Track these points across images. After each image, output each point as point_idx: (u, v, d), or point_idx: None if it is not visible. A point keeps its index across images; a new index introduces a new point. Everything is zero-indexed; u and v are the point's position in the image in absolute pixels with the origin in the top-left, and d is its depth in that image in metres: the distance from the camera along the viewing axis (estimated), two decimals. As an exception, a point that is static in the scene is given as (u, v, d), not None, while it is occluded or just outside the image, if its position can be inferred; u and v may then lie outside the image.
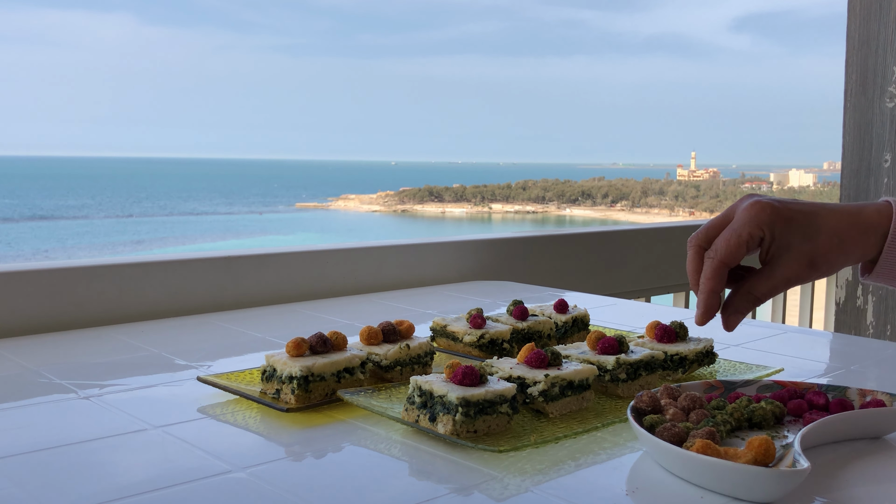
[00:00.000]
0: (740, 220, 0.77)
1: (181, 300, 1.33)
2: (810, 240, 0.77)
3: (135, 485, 0.65)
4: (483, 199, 42.36)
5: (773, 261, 0.78)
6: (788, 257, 0.77)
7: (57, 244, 26.02)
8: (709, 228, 0.80)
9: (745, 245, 0.77)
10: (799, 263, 0.77)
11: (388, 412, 0.78)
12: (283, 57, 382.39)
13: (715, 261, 0.78)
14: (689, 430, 0.69)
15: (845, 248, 0.78)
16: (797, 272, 0.78)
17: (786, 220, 0.77)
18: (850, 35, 2.22)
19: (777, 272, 0.78)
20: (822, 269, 0.78)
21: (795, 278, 0.78)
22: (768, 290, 0.79)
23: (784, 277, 0.78)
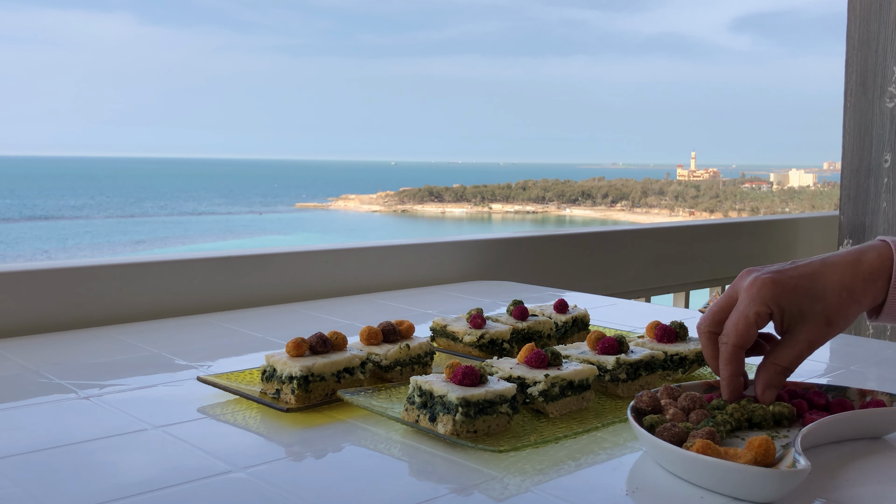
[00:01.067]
0: (744, 301, 0.77)
1: (181, 300, 1.33)
2: (820, 301, 0.77)
3: (135, 485, 0.65)
4: (483, 199, 42.37)
5: (791, 330, 0.78)
6: (804, 323, 0.77)
7: (57, 244, 26.03)
8: (715, 313, 0.80)
9: (755, 325, 0.77)
10: (817, 326, 0.77)
11: (388, 412, 0.78)
12: (283, 57, 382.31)
13: (729, 346, 0.77)
14: (689, 430, 0.69)
15: (856, 298, 0.78)
16: (817, 335, 0.77)
17: (790, 290, 0.77)
18: (850, 35, 2.22)
19: (798, 339, 0.77)
20: (839, 325, 0.78)
21: (817, 340, 0.77)
22: (794, 358, 0.78)
23: (807, 342, 0.77)
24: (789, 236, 2.41)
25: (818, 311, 0.77)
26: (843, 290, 0.77)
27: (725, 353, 0.78)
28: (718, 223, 2.28)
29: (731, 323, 0.77)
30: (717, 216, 29.29)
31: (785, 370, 0.78)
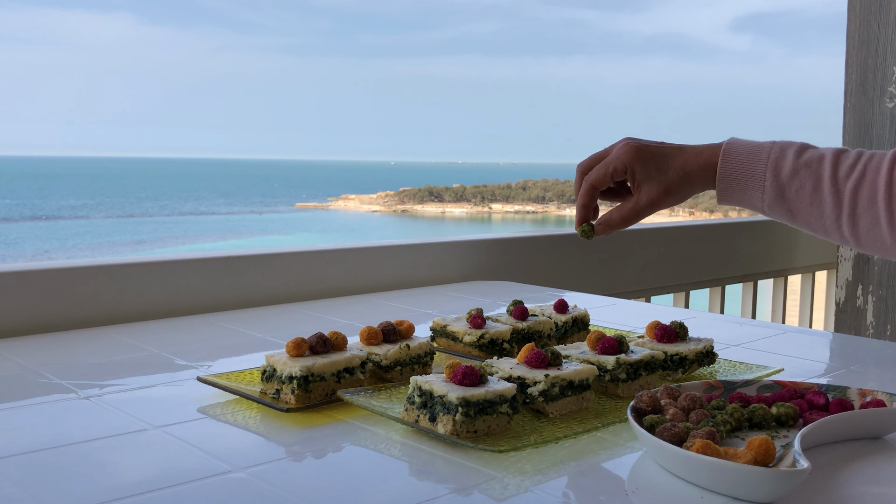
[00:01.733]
0: (612, 156, 1.00)
1: (181, 300, 1.33)
2: (664, 173, 0.99)
3: (135, 485, 0.65)
4: (483, 199, 42.36)
5: (637, 189, 1.00)
6: (648, 186, 0.99)
7: (57, 244, 26.03)
8: (591, 159, 1.03)
9: (612, 175, 1.00)
10: (656, 191, 0.99)
11: (388, 412, 0.78)
12: (283, 57, 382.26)
13: (587, 183, 1.01)
14: (689, 430, 0.69)
15: (691, 180, 1.00)
16: (654, 197, 0.99)
17: (646, 158, 0.99)
18: (850, 35, 2.22)
19: (640, 197, 1.00)
20: (674, 196, 1.00)
21: (655, 202, 1.00)
22: (633, 211, 1.01)
23: (646, 201, 1.00)
24: (789, 236, 2.41)
25: (661, 180, 0.99)
26: (682, 170, 0.99)
27: (584, 188, 1.02)
28: (718, 223, 2.28)
29: (596, 168, 1.01)
30: (717, 216, 29.28)
31: (623, 219, 1.01)
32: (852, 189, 0.96)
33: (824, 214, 0.97)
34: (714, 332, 1.15)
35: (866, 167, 0.96)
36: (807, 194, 0.97)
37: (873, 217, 0.95)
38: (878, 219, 0.95)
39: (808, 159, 0.98)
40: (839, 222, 0.97)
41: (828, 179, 0.97)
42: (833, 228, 0.98)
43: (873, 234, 0.96)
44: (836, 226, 0.97)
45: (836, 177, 0.97)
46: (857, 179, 0.96)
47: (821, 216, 0.98)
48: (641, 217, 1.01)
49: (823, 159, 0.98)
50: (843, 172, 0.97)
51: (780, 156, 0.98)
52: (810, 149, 1.00)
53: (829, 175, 0.97)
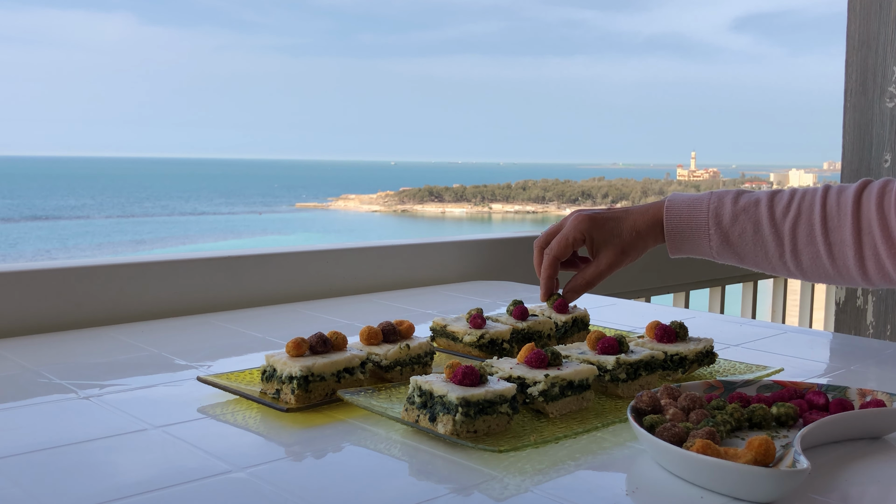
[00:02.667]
0: (568, 227, 1.08)
1: (181, 300, 1.33)
2: (619, 237, 1.08)
3: (135, 485, 0.65)
4: (483, 199, 42.37)
5: (596, 254, 1.09)
6: (606, 250, 1.08)
7: (58, 244, 26.03)
8: (547, 234, 1.11)
9: (571, 245, 1.08)
10: (614, 253, 1.08)
11: (388, 412, 0.78)
12: (283, 57, 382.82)
13: (550, 256, 1.09)
14: (689, 430, 0.69)
15: (643, 237, 1.08)
16: (613, 259, 1.08)
17: (599, 225, 1.07)
18: (850, 35, 2.22)
19: (600, 261, 1.08)
20: (631, 255, 1.09)
21: (614, 263, 1.08)
22: (596, 274, 1.09)
23: (606, 263, 1.08)
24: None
25: (616, 244, 1.08)
26: (633, 230, 1.08)
27: (546, 261, 1.09)
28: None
29: (555, 241, 1.09)
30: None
31: (588, 282, 1.09)
32: (791, 227, 1.02)
33: (769, 254, 1.04)
34: (714, 332, 1.15)
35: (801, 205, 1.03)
36: (749, 237, 1.04)
37: (814, 251, 1.02)
38: (819, 252, 1.02)
39: (744, 204, 1.05)
40: (783, 259, 1.04)
41: (766, 221, 1.04)
42: (779, 265, 1.05)
43: (816, 267, 1.03)
44: (781, 263, 1.04)
45: (773, 217, 1.04)
46: (794, 218, 1.03)
47: (766, 256, 1.04)
48: (603, 278, 1.09)
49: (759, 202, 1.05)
50: (779, 212, 1.04)
51: (719, 205, 1.06)
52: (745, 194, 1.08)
53: (767, 216, 1.04)
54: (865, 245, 1.00)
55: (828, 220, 1.01)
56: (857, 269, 1.00)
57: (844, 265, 1.01)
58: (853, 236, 0.99)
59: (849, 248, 1.00)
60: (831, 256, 1.01)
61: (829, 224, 1.01)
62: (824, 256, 1.02)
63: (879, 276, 1.02)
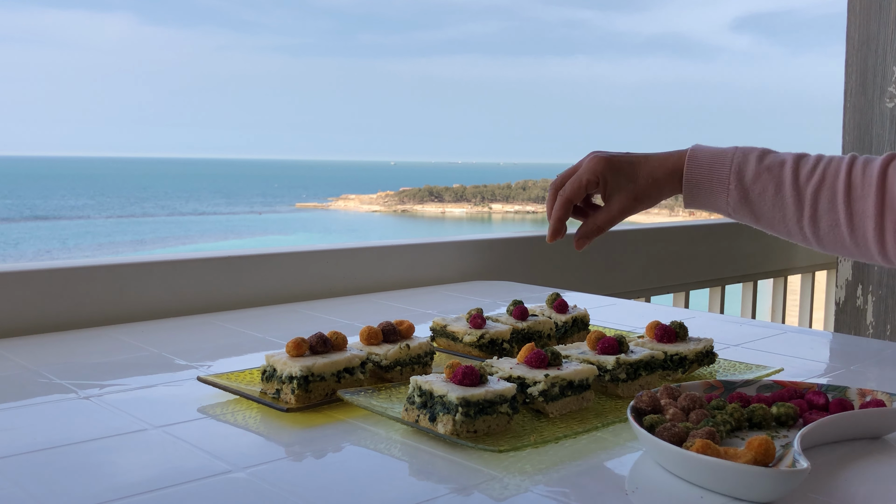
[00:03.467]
0: (583, 169, 1.03)
1: (181, 300, 1.33)
2: (633, 181, 1.03)
3: (135, 485, 0.65)
4: (483, 199, 42.36)
5: (609, 199, 1.04)
6: (619, 195, 1.03)
7: (58, 244, 26.03)
8: (563, 176, 1.06)
9: (585, 187, 1.03)
10: (627, 198, 1.03)
11: (388, 412, 0.78)
12: (283, 57, 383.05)
13: (563, 197, 1.03)
14: (689, 430, 0.69)
15: (659, 185, 1.03)
16: (626, 205, 1.03)
17: (615, 168, 1.02)
18: (850, 35, 2.22)
19: (612, 206, 1.03)
20: (644, 202, 1.04)
21: (626, 209, 1.03)
22: (607, 220, 1.04)
23: (618, 209, 1.03)
24: (789, 236, 2.41)
25: (630, 189, 1.02)
26: (650, 176, 1.03)
27: (559, 202, 1.03)
28: (718, 223, 2.27)
29: (569, 182, 1.03)
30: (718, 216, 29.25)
31: (598, 227, 1.04)
32: (813, 192, 0.99)
33: (787, 216, 1.01)
34: (714, 332, 1.15)
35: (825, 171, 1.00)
36: (769, 197, 1.01)
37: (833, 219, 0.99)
38: (838, 220, 0.99)
39: (769, 163, 1.02)
40: (801, 224, 1.01)
41: (789, 183, 1.00)
42: (795, 230, 1.01)
43: (833, 235, 1.00)
44: (798, 227, 1.01)
45: (797, 180, 1.00)
46: (817, 183, 0.99)
47: (783, 218, 1.01)
48: (614, 224, 1.05)
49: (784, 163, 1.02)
50: (803, 176, 1.00)
51: (743, 160, 1.02)
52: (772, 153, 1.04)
53: (791, 178, 1.00)
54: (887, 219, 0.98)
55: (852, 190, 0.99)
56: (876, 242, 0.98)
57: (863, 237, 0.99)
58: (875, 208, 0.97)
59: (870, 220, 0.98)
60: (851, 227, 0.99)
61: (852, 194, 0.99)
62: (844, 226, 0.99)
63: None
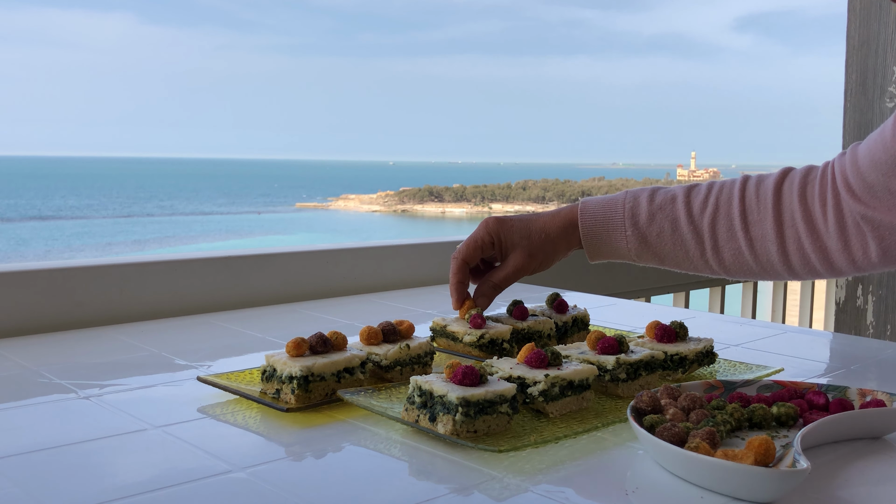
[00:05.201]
0: (476, 230, 1.06)
1: (181, 300, 1.33)
2: (527, 238, 1.03)
3: (135, 485, 0.65)
4: (483, 199, 42.37)
5: (505, 257, 1.05)
6: (514, 253, 1.04)
7: (58, 244, 26.03)
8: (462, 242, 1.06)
9: (480, 248, 1.04)
10: (521, 255, 1.03)
11: (388, 412, 0.78)
12: (283, 57, 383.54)
13: (458, 260, 1.05)
14: (689, 430, 0.69)
15: (552, 240, 1.04)
16: (520, 262, 1.03)
17: (508, 227, 1.04)
18: (850, 35, 2.22)
19: (508, 264, 1.04)
20: (538, 259, 1.04)
21: (521, 267, 1.04)
22: (504, 278, 1.04)
23: (512, 266, 1.04)
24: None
25: (524, 246, 1.03)
26: (542, 232, 1.04)
27: (455, 265, 1.05)
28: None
29: (464, 243, 1.05)
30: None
31: (495, 285, 1.04)
32: (710, 223, 0.98)
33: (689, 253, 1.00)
34: (714, 332, 1.15)
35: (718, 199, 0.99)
36: (667, 236, 1.00)
37: (735, 247, 0.98)
38: (740, 248, 0.98)
39: (661, 202, 1.01)
40: (705, 257, 0.99)
41: (684, 218, 0.99)
42: (701, 264, 1.01)
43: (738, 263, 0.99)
44: (702, 261, 1.00)
45: (690, 214, 0.99)
46: (712, 213, 0.98)
47: (686, 255, 1.00)
48: (510, 282, 1.05)
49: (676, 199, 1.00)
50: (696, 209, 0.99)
51: (634, 204, 1.02)
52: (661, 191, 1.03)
53: (685, 214, 0.99)
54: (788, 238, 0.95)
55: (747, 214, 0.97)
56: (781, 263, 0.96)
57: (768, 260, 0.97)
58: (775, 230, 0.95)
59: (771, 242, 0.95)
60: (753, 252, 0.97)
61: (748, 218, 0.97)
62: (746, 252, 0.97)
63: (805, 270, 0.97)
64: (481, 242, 1.04)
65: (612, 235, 1.02)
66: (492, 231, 1.04)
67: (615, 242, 1.02)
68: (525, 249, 1.03)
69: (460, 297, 1.04)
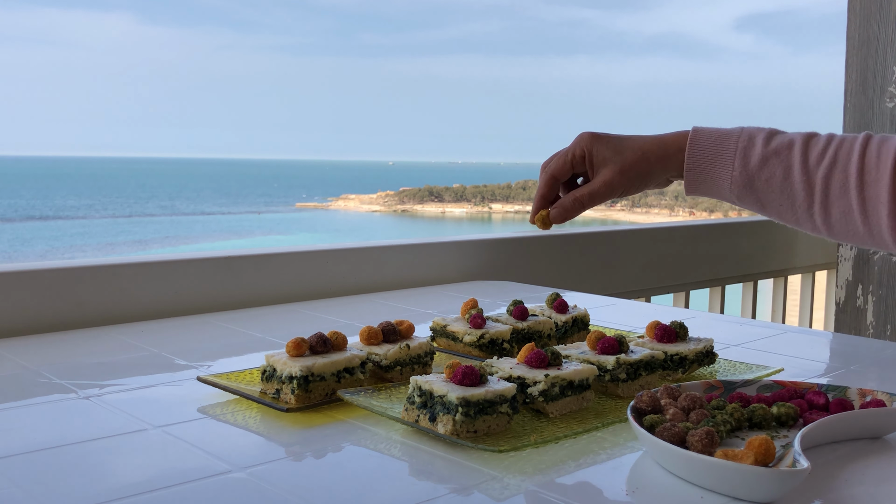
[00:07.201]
0: (571, 144, 1.00)
1: (181, 300, 1.33)
2: (620, 154, 0.98)
3: (135, 485, 0.65)
4: (483, 199, 42.37)
5: (595, 173, 0.99)
6: (604, 169, 0.98)
7: (58, 244, 26.04)
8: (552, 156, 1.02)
9: (571, 162, 0.99)
10: (612, 172, 0.98)
11: (388, 412, 0.78)
12: (283, 56, 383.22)
13: (546, 173, 1.01)
14: (689, 430, 0.69)
15: (648, 160, 0.98)
16: (610, 179, 0.98)
17: (602, 142, 0.98)
18: (850, 35, 2.22)
19: (596, 180, 0.98)
20: (630, 177, 0.98)
21: (609, 183, 0.98)
22: (588, 193, 0.99)
23: (602, 182, 0.98)
24: (789, 236, 2.41)
25: (617, 161, 0.97)
26: (639, 150, 0.97)
27: (543, 178, 1.01)
28: (718, 223, 2.28)
29: (555, 158, 1.00)
30: (717, 216, 29.31)
31: (578, 200, 0.99)
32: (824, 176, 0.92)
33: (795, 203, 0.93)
34: (714, 332, 1.15)
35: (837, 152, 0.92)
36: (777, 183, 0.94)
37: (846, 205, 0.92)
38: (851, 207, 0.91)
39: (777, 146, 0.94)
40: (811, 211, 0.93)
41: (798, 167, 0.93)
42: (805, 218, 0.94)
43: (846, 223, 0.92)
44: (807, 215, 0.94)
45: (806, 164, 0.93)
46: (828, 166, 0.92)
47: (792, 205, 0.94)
48: (596, 201, 0.99)
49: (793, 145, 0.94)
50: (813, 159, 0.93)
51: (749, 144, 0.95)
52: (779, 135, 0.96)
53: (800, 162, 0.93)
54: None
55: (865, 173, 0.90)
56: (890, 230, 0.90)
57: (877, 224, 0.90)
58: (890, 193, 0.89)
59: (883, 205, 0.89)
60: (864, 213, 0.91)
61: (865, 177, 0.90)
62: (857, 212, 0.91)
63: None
64: (571, 156, 0.99)
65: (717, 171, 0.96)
66: (585, 145, 0.99)
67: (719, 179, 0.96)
68: (617, 165, 0.97)
69: (537, 209, 1.01)
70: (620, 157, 0.97)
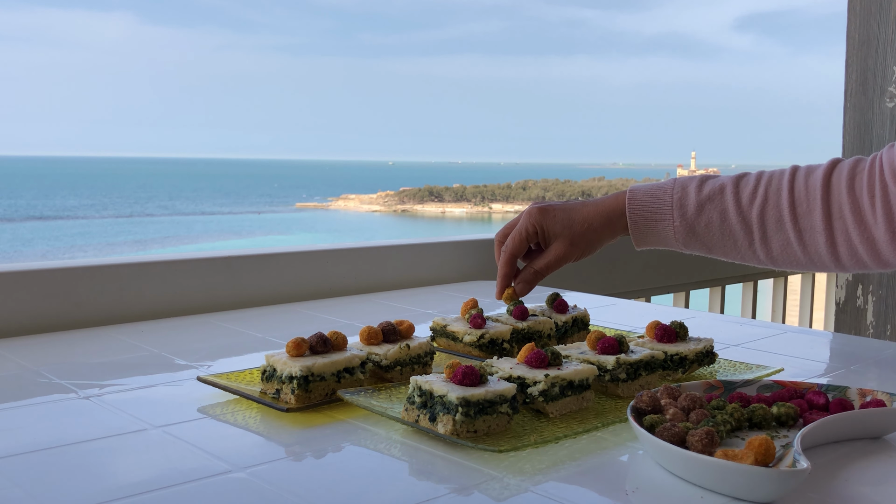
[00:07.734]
0: (521, 222, 1.07)
1: (181, 300, 1.33)
2: (569, 227, 1.05)
3: (135, 485, 0.65)
4: (483, 199, 42.39)
5: (547, 245, 1.07)
6: (556, 242, 1.06)
7: (58, 244, 26.03)
8: (505, 230, 1.10)
9: (526, 239, 1.07)
10: (563, 245, 1.05)
11: (388, 412, 0.78)
12: (283, 56, 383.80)
13: (506, 253, 1.07)
14: (689, 430, 0.69)
15: (594, 229, 1.05)
16: (562, 251, 1.06)
17: (551, 216, 1.06)
18: (850, 35, 2.22)
19: (550, 252, 1.06)
20: (581, 247, 1.06)
21: (562, 255, 1.06)
22: (544, 266, 1.07)
23: (554, 254, 1.06)
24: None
25: (566, 235, 1.05)
26: (585, 221, 1.05)
27: (503, 258, 1.07)
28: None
29: (510, 237, 1.07)
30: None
31: (536, 273, 1.07)
32: (758, 214, 0.99)
33: (737, 243, 1.00)
34: (714, 332, 1.15)
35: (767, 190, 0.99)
36: (716, 227, 1.00)
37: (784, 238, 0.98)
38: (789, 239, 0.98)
39: (709, 192, 1.01)
40: (753, 248, 1.00)
41: (732, 209, 0.99)
42: (749, 254, 1.01)
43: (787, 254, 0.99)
44: (750, 251, 1.00)
45: (739, 205, 1.00)
46: (760, 204, 0.99)
47: (735, 245, 1.00)
48: (551, 269, 1.07)
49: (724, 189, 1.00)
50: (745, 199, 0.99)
51: (683, 194, 1.02)
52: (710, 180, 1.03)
53: (733, 204, 0.99)
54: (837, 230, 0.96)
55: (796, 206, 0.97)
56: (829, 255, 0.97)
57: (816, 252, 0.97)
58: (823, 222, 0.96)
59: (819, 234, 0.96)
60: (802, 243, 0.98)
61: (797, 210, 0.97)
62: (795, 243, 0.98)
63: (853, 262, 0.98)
64: (526, 234, 1.06)
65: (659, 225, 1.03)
66: (535, 220, 1.06)
67: (663, 232, 1.03)
68: (567, 238, 1.05)
69: (503, 288, 1.08)
70: (569, 230, 1.05)
